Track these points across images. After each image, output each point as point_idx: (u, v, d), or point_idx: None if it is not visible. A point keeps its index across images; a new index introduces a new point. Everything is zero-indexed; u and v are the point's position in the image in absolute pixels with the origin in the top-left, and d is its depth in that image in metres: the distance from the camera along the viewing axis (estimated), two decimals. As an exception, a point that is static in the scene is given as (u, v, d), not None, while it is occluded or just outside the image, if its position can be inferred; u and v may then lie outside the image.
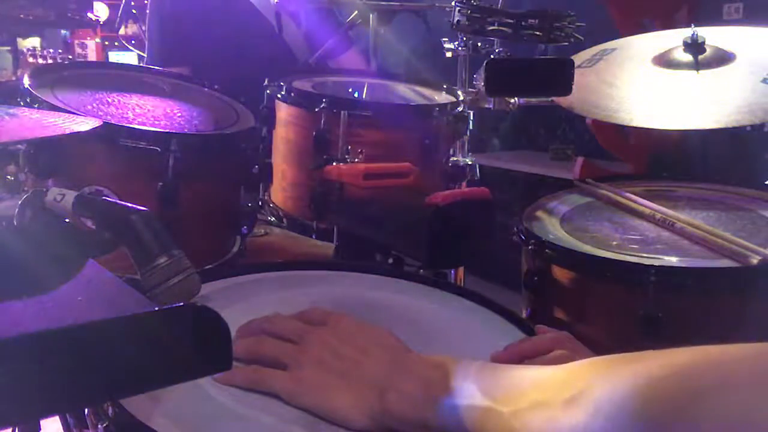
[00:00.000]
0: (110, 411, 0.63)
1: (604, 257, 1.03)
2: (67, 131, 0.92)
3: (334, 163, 1.24)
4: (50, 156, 1.14)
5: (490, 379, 0.60)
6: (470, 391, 0.60)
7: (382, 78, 1.67)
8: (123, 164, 1.17)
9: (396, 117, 1.36)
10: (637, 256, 1.03)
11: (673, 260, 1.02)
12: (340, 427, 0.65)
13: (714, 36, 1.44)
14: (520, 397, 0.56)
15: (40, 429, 1.06)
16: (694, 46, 1.39)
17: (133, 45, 3.60)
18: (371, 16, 1.95)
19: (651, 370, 0.48)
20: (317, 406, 0.66)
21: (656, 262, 1.00)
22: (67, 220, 0.77)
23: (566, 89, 1.20)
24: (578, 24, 1.33)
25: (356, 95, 1.53)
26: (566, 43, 1.32)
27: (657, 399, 0.45)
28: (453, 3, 1.31)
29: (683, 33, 1.43)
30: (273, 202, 1.46)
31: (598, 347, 0.79)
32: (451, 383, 0.62)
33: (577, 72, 1.21)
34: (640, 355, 0.51)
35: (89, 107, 1.23)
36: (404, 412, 0.63)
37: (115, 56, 5.81)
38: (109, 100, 1.29)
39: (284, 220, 1.46)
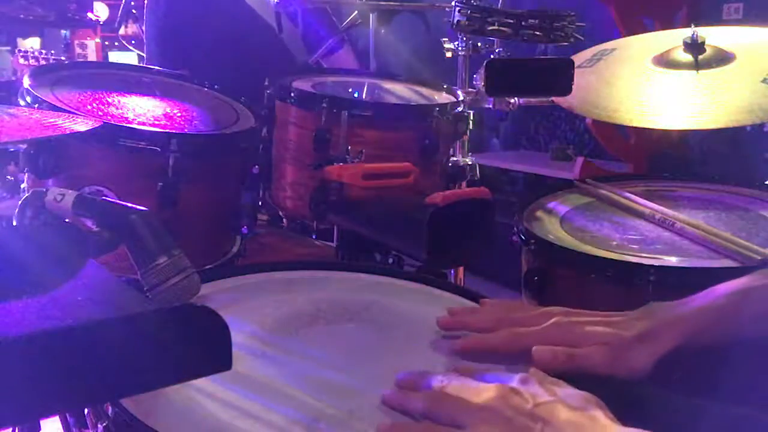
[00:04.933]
0: (110, 411, 0.63)
1: (604, 257, 1.03)
2: (67, 131, 0.92)
3: (334, 163, 1.24)
4: (50, 156, 1.14)
5: None
6: None
7: (383, 78, 1.67)
8: (123, 164, 1.17)
9: (396, 117, 1.36)
10: (637, 256, 1.03)
11: (673, 260, 1.02)
12: None
13: (714, 36, 1.44)
14: None
15: (40, 429, 1.06)
16: (694, 46, 1.39)
17: (133, 45, 3.60)
18: (371, 16, 1.95)
19: None
20: None
21: (656, 262, 1.00)
22: (67, 220, 0.77)
23: (566, 89, 1.20)
24: (578, 24, 1.33)
25: (356, 95, 1.53)
26: (566, 43, 1.33)
27: None
28: (453, 3, 1.31)
29: (683, 33, 1.43)
30: (273, 202, 1.46)
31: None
32: None
33: (577, 72, 1.21)
34: None
35: (89, 107, 1.23)
36: None
37: (115, 56, 5.81)
38: (109, 100, 1.29)
39: (284, 220, 1.47)
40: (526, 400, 0.63)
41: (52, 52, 4.68)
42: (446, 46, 1.57)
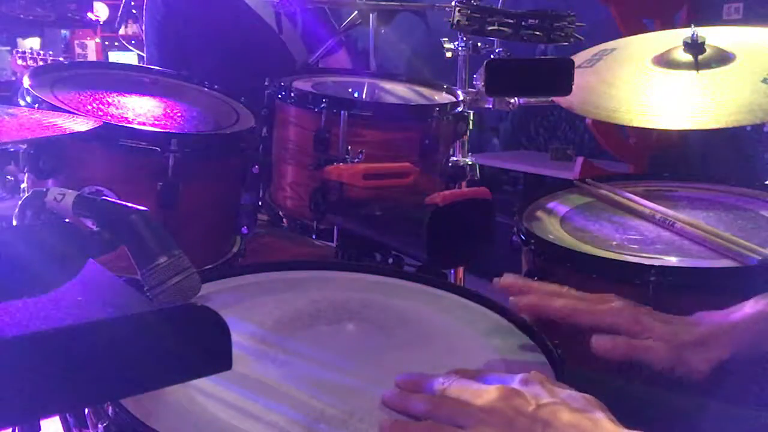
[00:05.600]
0: (110, 411, 0.63)
1: (604, 257, 1.03)
2: (67, 131, 0.92)
3: (334, 163, 1.24)
4: (50, 156, 1.14)
5: None
6: None
7: (383, 78, 1.67)
8: (123, 164, 1.17)
9: (396, 117, 1.36)
10: (637, 256, 1.03)
11: (673, 260, 1.02)
12: None
13: (714, 36, 1.44)
14: None
15: (39, 429, 1.06)
16: (694, 46, 1.39)
17: (133, 45, 3.61)
18: (371, 16, 1.95)
19: None
20: None
21: (656, 262, 1.00)
22: (67, 220, 0.77)
23: (566, 89, 1.20)
24: (578, 24, 1.33)
25: (356, 95, 1.53)
26: (566, 43, 1.33)
27: None
28: (453, 3, 1.31)
29: (683, 33, 1.42)
30: (273, 202, 1.46)
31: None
32: None
33: (577, 72, 1.20)
34: None
35: (89, 107, 1.23)
36: None
37: (115, 56, 5.81)
38: (109, 100, 1.29)
39: (284, 220, 1.46)
40: (527, 401, 0.63)
41: (50, 52, 4.69)
42: (446, 46, 1.57)
